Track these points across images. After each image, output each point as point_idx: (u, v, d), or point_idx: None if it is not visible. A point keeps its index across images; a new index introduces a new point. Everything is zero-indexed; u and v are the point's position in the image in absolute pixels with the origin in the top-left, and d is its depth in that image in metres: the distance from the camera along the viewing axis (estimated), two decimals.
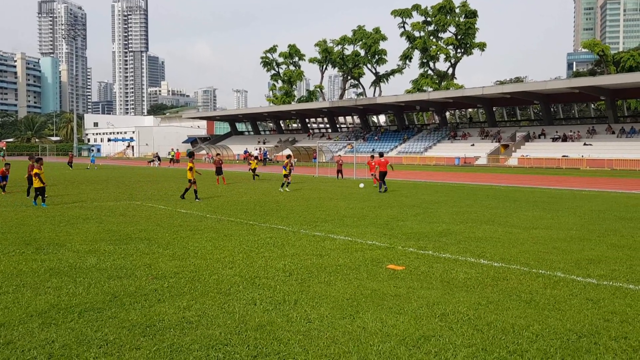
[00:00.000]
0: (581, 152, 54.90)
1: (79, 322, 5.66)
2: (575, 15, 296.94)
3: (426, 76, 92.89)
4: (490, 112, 71.69)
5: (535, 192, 23.08)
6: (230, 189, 24.29)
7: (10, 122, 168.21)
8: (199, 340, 5.19)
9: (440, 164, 62.23)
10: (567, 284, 7.37)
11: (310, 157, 66.09)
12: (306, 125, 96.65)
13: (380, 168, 23.47)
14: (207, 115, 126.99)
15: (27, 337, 5.24)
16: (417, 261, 8.76)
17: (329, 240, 10.72)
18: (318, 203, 18.14)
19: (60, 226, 12.40)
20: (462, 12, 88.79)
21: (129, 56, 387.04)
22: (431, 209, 16.27)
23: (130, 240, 10.55)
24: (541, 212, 15.78)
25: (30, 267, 8.15)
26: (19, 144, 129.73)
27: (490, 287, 7.16)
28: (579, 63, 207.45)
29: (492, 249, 9.82)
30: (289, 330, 5.48)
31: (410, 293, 6.83)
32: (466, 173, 43.02)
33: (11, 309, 6.09)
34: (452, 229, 12.25)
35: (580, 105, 71.64)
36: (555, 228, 12.54)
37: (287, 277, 7.69)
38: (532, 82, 73.77)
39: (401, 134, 78.78)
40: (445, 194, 21.79)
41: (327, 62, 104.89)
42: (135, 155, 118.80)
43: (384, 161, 23.64)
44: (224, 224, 13.08)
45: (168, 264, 8.47)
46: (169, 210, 15.92)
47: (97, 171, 43.39)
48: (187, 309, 6.12)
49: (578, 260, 8.89)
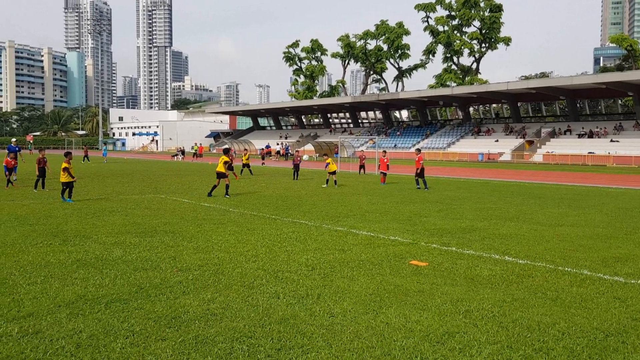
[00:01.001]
0: (608, 149, 53.95)
1: (105, 312, 5.75)
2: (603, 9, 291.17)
3: (450, 71, 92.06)
4: (515, 108, 70.79)
5: (561, 189, 22.76)
6: (253, 183, 24.40)
7: (37, 116, 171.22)
8: (223, 332, 5.23)
9: (464, 160, 61.69)
10: (593, 282, 7.26)
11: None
12: (328, 121, 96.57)
13: (417, 165, 21.94)
14: (229, 110, 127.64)
15: (55, 326, 5.34)
16: (441, 257, 8.70)
17: (352, 235, 10.71)
18: (340, 198, 18.13)
19: (87, 218, 12.59)
20: (487, 6, 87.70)
21: (153, 51, 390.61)
22: (454, 205, 16.15)
23: (155, 233, 10.67)
24: (567, 209, 15.57)
25: (57, 259, 8.29)
26: (45, 138, 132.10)
27: (515, 285, 7.09)
28: (606, 58, 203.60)
29: (517, 246, 9.72)
30: (312, 324, 5.49)
31: (434, 289, 6.80)
32: (490, 169, 42.59)
33: (40, 299, 6.21)
34: (476, 226, 12.15)
35: (607, 101, 70.34)
36: (581, 225, 12.36)
37: (309, 271, 7.70)
38: (558, 77, 72.61)
39: (424, 129, 78.27)
40: (469, 190, 21.61)
41: (349, 57, 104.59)
42: (159, 149, 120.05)
43: (420, 157, 22.20)
44: (247, 217, 13.16)
45: (192, 256, 8.55)
46: (192, 203, 16.06)
47: (122, 165, 43.95)
48: (212, 302, 6.17)
49: (605, 258, 8.75)
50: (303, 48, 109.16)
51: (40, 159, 19.43)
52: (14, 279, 7.05)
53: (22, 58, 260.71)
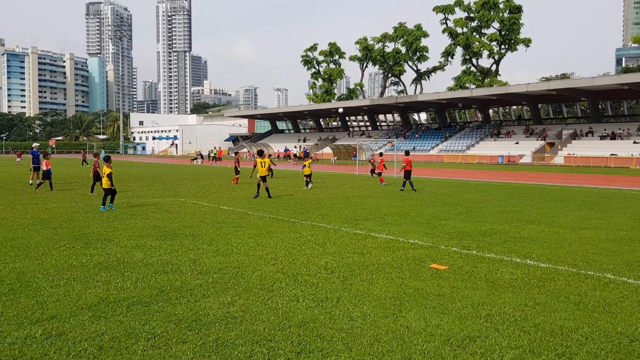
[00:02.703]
0: (631, 151, 53.08)
1: (127, 315, 5.80)
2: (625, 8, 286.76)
3: (469, 73, 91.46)
4: (536, 110, 70.07)
5: (583, 192, 22.45)
6: (272, 187, 24.41)
7: (60, 121, 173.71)
8: (243, 335, 5.25)
9: (483, 163, 61.19)
10: (617, 286, 7.15)
11: (350, 155, 66.00)
12: (346, 124, 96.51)
13: (406, 167, 22.44)
14: (248, 113, 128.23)
15: (78, 329, 5.40)
16: (461, 261, 8.64)
17: (370, 239, 10.68)
18: (358, 201, 18.10)
19: (108, 222, 12.74)
20: (507, 8, 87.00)
21: (172, 56, 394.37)
22: (474, 208, 16.02)
23: (176, 236, 10.75)
24: (589, 212, 15.35)
25: (80, 261, 8.40)
26: (67, 142, 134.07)
27: (537, 288, 7.01)
28: (629, 58, 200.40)
29: (539, 250, 9.60)
30: (332, 327, 5.48)
31: (454, 293, 6.75)
32: (510, 172, 42.19)
33: (62, 301, 6.29)
34: (497, 229, 12.03)
35: (629, 102, 69.27)
36: (604, 229, 12.17)
37: (329, 274, 7.70)
38: (579, 78, 71.73)
39: (443, 131, 77.81)
40: (489, 193, 21.42)
41: (367, 59, 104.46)
42: (179, 153, 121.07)
43: (409, 159, 22.63)
44: (266, 221, 13.20)
45: (212, 259, 8.60)
46: (212, 207, 16.16)
47: (142, 168, 44.37)
48: (232, 305, 6.20)
49: (629, 261, 8.60)
50: (321, 51, 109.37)
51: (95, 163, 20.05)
52: (37, 282, 7.16)
53: (44, 64, 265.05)
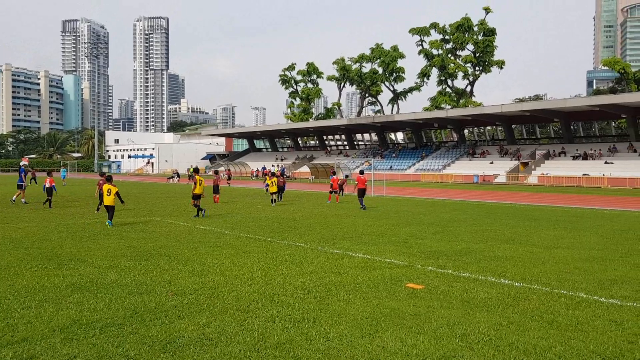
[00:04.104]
0: (602, 171, 54.20)
1: (100, 337, 5.71)
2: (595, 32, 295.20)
3: (444, 94, 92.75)
4: (510, 130, 71.24)
5: (556, 211, 22.82)
6: (248, 206, 24.37)
7: (33, 139, 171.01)
8: (218, 357, 5.20)
9: (459, 182, 61.81)
10: (589, 304, 7.26)
11: (327, 174, 66.16)
12: (324, 143, 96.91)
13: (359, 185, 23.92)
14: (225, 132, 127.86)
15: (49, 351, 5.30)
16: (437, 280, 8.69)
17: (348, 258, 10.69)
18: (336, 220, 18.13)
19: (82, 242, 12.55)
20: (481, 30, 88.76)
21: (149, 74, 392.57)
22: (450, 227, 16.16)
23: (150, 257, 10.63)
24: (562, 231, 15.60)
25: (52, 282, 8.25)
26: (41, 160, 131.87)
27: (511, 308, 7.08)
28: (599, 81, 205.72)
29: (513, 269, 9.72)
30: (308, 348, 5.46)
31: (430, 312, 6.78)
32: (485, 191, 42.68)
33: (34, 323, 6.17)
34: (472, 248, 12.15)
35: (600, 123, 70.90)
36: (576, 248, 12.38)
37: (305, 294, 7.68)
38: (552, 99, 73.29)
39: (419, 151, 78.55)
40: (464, 212, 21.64)
41: (345, 79, 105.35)
42: (155, 171, 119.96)
43: (363, 179, 24.09)
44: (243, 240, 13.13)
45: (188, 280, 8.51)
46: (188, 226, 16.03)
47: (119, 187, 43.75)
48: (207, 326, 6.14)
49: (601, 280, 8.75)
50: (299, 71, 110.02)
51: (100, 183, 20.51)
52: (8, 303, 7.01)
53: (18, 81, 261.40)
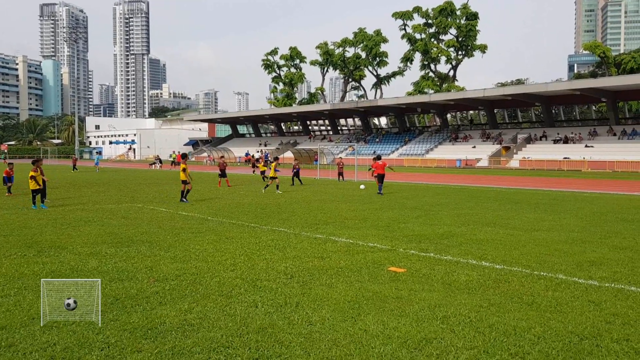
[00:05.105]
0: (582, 154, 54.86)
1: (80, 324, 5.66)
2: (576, 17, 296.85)
3: (427, 78, 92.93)
4: (492, 114, 71.67)
5: (537, 194, 23.07)
6: (232, 191, 24.30)
7: (12, 125, 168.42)
8: (200, 342, 5.19)
9: (442, 166, 62.19)
10: (568, 286, 7.36)
11: (311, 160, 66.11)
12: (307, 128, 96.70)
13: (378, 171, 23.39)
14: (208, 117, 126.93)
15: (28, 339, 5.25)
16: (419, 263, 8.75)
17: (331, 243, 10.72)
18: (319, 205, 18.14)
19: (62, 229, 12.41)
20: (463, 14, 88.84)
21: (130, 59, 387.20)
22: (432, 211, 16.27)
23: (132, 243, 10.55)
24: (542, 214, 15.77)
25: (32, 270, 8.15)
26: (20, 147, 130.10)
27: (491, 290, 7.16)
28: (580, 65, 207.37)
29: (494, 251, 9.81)
30: (291, 332, 5.47)
31: (412, 295, 6.83)
32: (467, 175, 43.01)
33: (13, 311, 6.10)
34: (454, 231, 12.24)
35: (581, 107, 71.60)
36: (556, 230, 12.53)
37: (288, 279, 7.68)
38: (533, 84, 73.75)
39: (402, 136, 78.78)
40: (447, 196, 21.78)
41: (328, 64, 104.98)
42: (136, 157, 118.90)
43: (382, 164, 23.61)
44: (226, 226, 13.09)
45: (169, 266, 8.47)
46: (170, 212, 15.93)
47: (99, 174, 43.44)
48: (189, 312, 6.12)
49: (580, 262, 8.88)
50: (282, 56, 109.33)
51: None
52: None
53: None
